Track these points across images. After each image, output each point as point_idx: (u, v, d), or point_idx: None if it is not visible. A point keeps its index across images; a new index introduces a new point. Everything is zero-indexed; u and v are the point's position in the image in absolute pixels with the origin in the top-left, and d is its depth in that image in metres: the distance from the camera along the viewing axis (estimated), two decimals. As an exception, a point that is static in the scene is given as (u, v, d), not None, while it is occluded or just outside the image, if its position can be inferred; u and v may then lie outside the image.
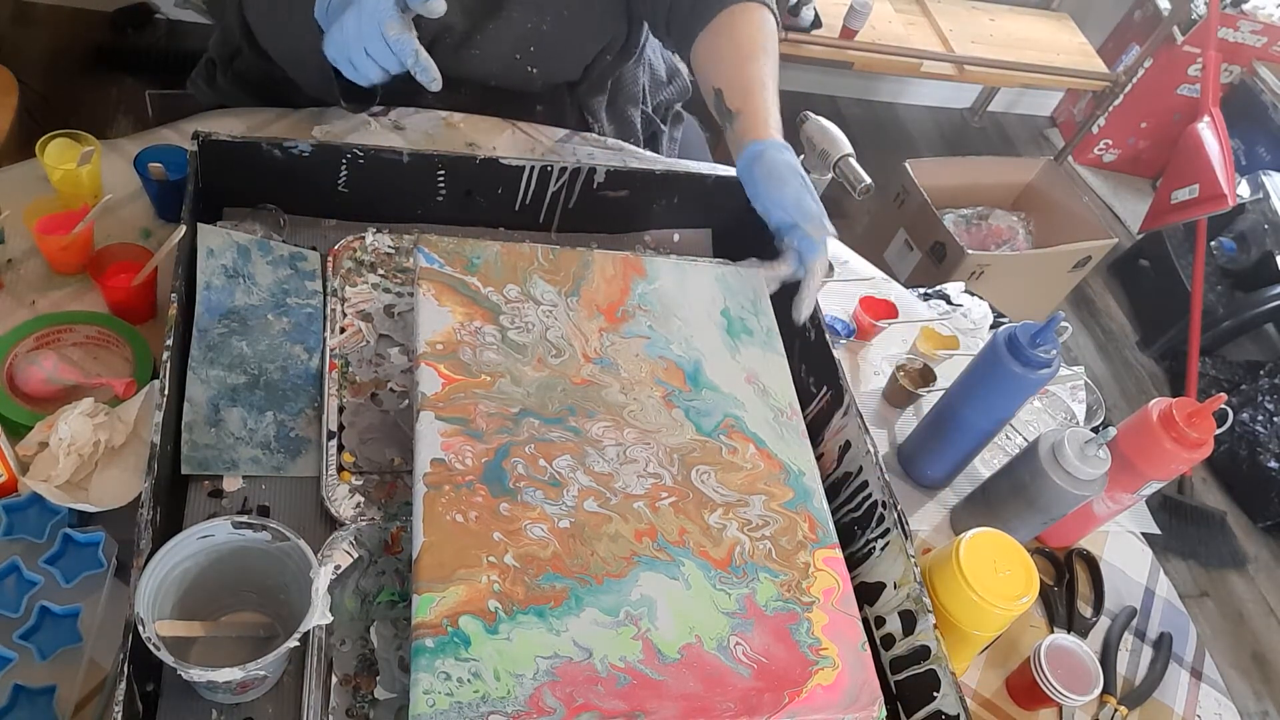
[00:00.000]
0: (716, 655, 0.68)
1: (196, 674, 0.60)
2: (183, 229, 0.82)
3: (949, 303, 1.29)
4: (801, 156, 1.02)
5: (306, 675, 0.69)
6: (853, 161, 0.98)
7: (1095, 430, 0.90)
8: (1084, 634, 0.96)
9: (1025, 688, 0.88)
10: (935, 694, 0.74)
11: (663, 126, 1.37)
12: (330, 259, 0.94)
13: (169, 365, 0.73)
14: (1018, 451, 0.95)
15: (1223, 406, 0.89)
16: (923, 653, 0.75)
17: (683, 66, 1.42)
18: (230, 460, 0.77)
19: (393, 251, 0.96)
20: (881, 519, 0.81)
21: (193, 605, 0.68)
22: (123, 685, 0.58)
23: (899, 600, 0.78)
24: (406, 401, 0.85)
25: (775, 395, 0.86)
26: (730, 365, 0.86)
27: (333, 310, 0.89)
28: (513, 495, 0.71)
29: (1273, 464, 2.30)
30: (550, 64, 1.16)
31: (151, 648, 0.59)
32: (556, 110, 1.23)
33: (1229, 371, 2.53)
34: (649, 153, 1.28)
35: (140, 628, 0.59)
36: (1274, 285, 2.44)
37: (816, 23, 2.33)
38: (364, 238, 0.96)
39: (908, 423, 1.07)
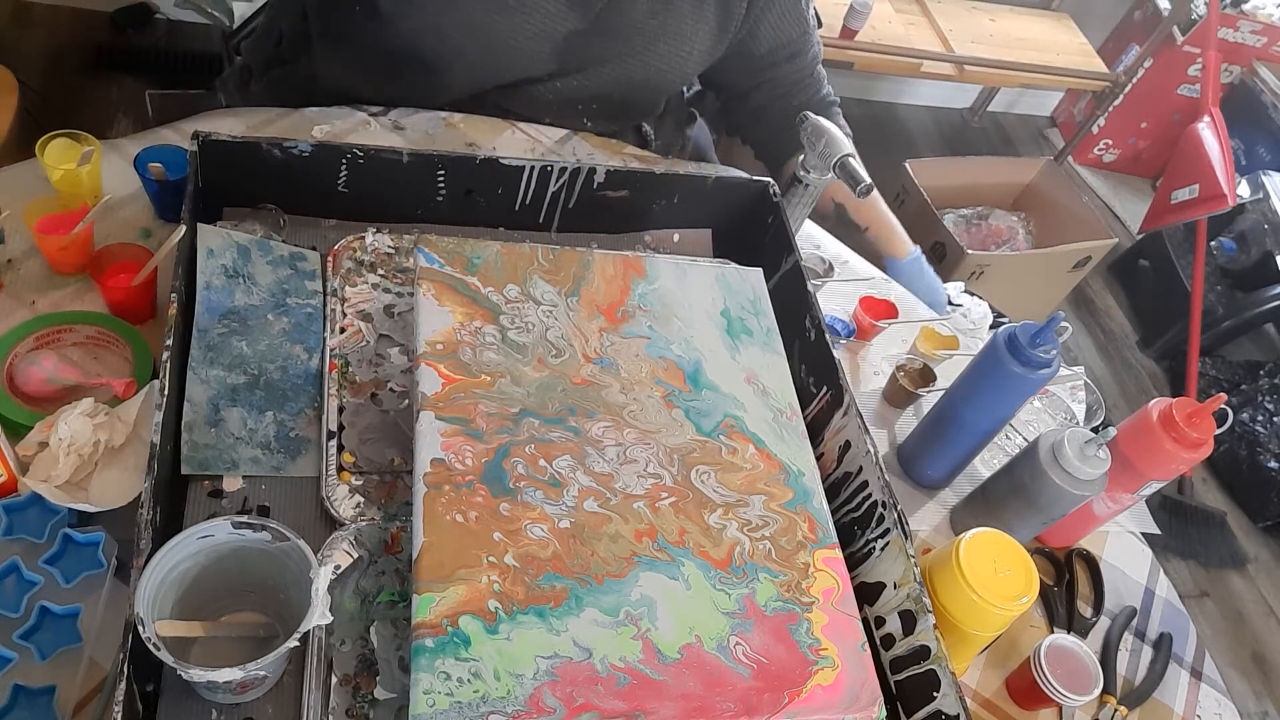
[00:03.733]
0: (716, 655, 0.68)
1: (196, 674, 0.60)
2: (183, 229, 0.82)
3: (949, 303, 1.29)
4: (801, 156, 1.02)
5: (306, 675, 0.69)
6: (853, 161, 0.98)
7: (1095, 430, 0.90)
8: (1084, 634, 0.96)
9: (1025, 688, 0.88)
10: (935, 694, 0.73)
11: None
12: (330, 259, 0.94)
13: (169, 365, 0.73)
14: (1018, 451, 0.95)
15: (1223, 406, 0.88)
16: (923, 653, 0.75)
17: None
18: (230, 460, 0.77)
19: (393, 251, 0.96)
20: (881, 519, 0.81)
21: (193, 605, 0.68)
22: (123, 685, 0.58)
23: (899, 600, 0.78)
24: (406, 401, 0.85)
25: (775, 395, 0.86)
26: (730, 365, 0.86)
27: (333, 310, 0.89)
28: (513, 495, 0.71)
29: (1273, 464, 2.30)
30: (603, 122, 1.24)
31: (151, 648, 0.59)
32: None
33: (1229, 371, 2.53)
34: (649, 153, 1.28)
35: (140, 628, 0.59)
36: (1274, 285, 2.44)
37: (816, 23, 2.32)
38: (364, 238, 0.96)
39: (908, 423, 1.07)
